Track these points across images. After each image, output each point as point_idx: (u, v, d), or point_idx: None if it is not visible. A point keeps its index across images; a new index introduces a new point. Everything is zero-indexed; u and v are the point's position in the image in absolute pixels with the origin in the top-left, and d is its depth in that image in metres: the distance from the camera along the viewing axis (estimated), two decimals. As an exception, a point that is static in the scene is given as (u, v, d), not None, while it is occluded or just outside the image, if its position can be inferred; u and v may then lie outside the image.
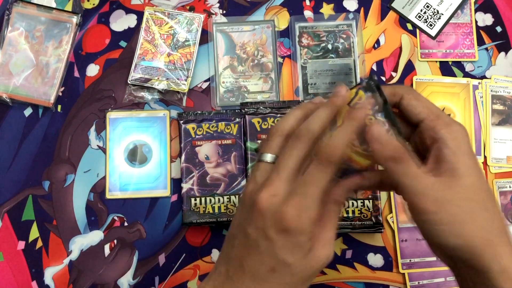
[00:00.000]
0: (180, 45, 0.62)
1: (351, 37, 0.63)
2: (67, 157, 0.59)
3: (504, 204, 0.60)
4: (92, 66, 0.62)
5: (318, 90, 0.62)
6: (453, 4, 0.65)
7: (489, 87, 0.63)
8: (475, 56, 0.64)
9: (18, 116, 0.60)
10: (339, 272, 0.58)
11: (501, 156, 0.61)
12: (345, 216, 0.56)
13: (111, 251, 0.57)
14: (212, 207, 0.56)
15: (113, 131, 0.60)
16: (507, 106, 0.63)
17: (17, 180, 0.59)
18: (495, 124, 0.62)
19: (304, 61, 0.63)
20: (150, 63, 0.61)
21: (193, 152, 0.58)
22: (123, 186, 0.59)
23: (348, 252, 0.58)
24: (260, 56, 0.62)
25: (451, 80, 0.63)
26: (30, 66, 0.60)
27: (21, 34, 0.61)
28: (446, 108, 0.62)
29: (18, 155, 0.59)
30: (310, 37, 0.63)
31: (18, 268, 0.57)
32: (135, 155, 0.60)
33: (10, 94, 0.59)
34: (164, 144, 0.60)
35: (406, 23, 0.65)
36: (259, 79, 0.62)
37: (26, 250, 0.57)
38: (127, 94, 0.61)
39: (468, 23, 0.65)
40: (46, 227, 0.58)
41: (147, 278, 0.57)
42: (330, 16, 0.64)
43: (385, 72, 0.63)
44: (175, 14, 0.63)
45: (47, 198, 0.58)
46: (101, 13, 0.64)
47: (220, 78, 0.62)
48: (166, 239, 0.58)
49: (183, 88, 0.60)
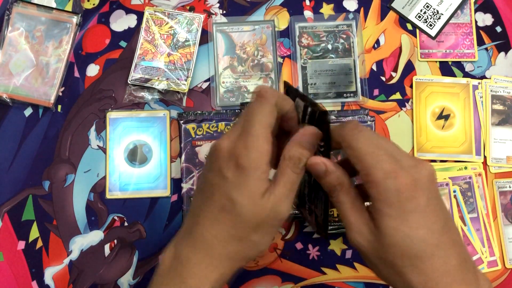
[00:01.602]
0: (180, 45, 0.62)
1: (351, 37, 0.63)
2: (67, 157, 0.59)
3: (504, 204, 0.60)
4: (92, 66, 0.62)
5: (318, 90, 0.62)
6: (453, 4, 0.65)
7: (489, 87, 0.63)
8: (475, 56, 0.64)
9: (18, 116, 0.60)
10: (339, 272, 0.58)
11: (501, 156, 0.61)
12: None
13: (111, 251, 0.57)
14: (212, 207, 0.56)
15: (113, 131, 0.60)
16: (507, 106, 0.63)
17: (17, 180, 0.59)
18: (495, 124, 0.62)
19: (304, 61, 0.63)
20: (150, 63, 0.61)
21: (193, 152, 0.58)
22: (123, 186, 0.59)
23: (348, 252, 0.58)
24: (260, 56, 0.63)
25: (451, 80, 0.63)
26: (30, 66, 0.60)
27: (21, 34, 0.61)
28: (446, 108, 0.62)
29: (18, 155, 0.59)
30: (310, 37, 0.63)
31: (18, 268, 0.57)
32: (135, 155, 0.60)
33: (10, 94, 0.59)
34: (164, 144, 0.60)
35: (406, 23, 0.65)
36: (259, 79, 0.62)
37: (26, 250, 0.57)
38: (127, 94, 0.61)
39: (468, 23, 0.65)
40: (46, 227, 0.58)
41: (147, 278, 0.57)
42: (330, 16, 0.64)
43: (385, 72, 0.63)
44: (175, 14, 0.63)
45: (47, 198, 0.58)
46: (101, 13, 0.64)
47: (220, 78, 0.62)
48: (166, 239, 0.58)
49: (183, 88, 0.60)
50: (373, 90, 0.63)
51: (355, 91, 0.62)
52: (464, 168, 0.61)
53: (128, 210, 0.59)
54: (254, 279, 0.57)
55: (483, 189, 0.60)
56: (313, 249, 0.58)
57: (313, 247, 0.58)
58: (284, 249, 0.58)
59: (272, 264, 0.58)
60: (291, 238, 0.59)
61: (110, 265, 0.57)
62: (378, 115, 0.62)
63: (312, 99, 0.35)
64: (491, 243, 0.59)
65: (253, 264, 0.58)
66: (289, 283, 0.57)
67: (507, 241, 0.59)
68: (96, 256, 0.57)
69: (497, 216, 0.60)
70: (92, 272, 0.57)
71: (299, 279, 0.58)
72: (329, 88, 0.62)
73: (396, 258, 0.31)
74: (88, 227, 0.58)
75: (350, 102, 0.62)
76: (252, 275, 0.58)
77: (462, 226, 0.59)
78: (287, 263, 0.58)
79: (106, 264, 0.57)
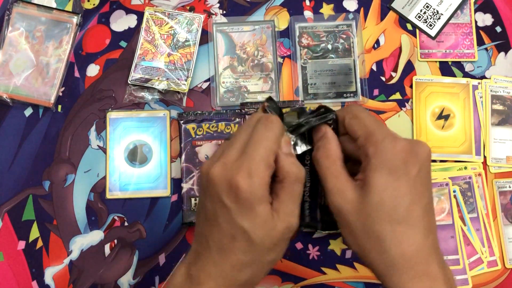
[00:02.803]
0: (180, 45, 0.62)
1: (351, 37, 0.63)
2: (68, 157, 0.60)
3: (504, 204, 0.60)
4: (92, 66, 0.62)
5: (318, 90, 0.62)
6: (452, 4, 0.65)
7: (488, 87, 0.63)
8: (474, 56, 0.64)
9: (18, 116, 0.60)
10: (339, 272, 0.58)
11: (501, 156, 0.61)
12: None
13: (111, 251, 0.57)
14: (212, 207, 0.56)
15: (113, 131, 0.60)
16: (507, 106, 0.63)
17: (18, 180, 0.59)
18: (495, 124, 0.62)
19: (304, 61, 0.63)
20: (150, 63, 0.61)
21: (193, 152, 0.58)
22: (123, 186, 0.59)
23: (348, 252, 0.58)
24: (260, 56, 0.63)
25: (451, 80, 0.63)
26: (30, 66, 0.60)
27: (21, 34, 0.61)
28: (446, 108, 0.62)
29: (18, 155, 0.59)
30: (310, 37, 0.63)
31: (18, 268, 0.57)
32: (135, 155, 0.60)
33: (10, 94, 0.59)
34: (164, 144, 0.60)
35: (406, 23, 0.65)
36: (259, 79, 0.62)
37: (26, 250, 0.57)
38: (127, 94, 0.61)
39: (468, 23, 0.65)
40: (46, 227, 0.58)
41: (147, 278, 0.57)
42: (330, 16, 0.64)
43: (385, 72, 0.63)
44: (175, 14, 0.63)
45: (48, 198, 0.58)
46: (101, 13, 0.64)
47: (220, 78, 0.62)
48: (166, 239, 0.58)
49: (183, 88, 0.60)
50: (373, 90, 0.63)
51: (355, 91, 0.62)
52: (464, 168, 0.61)
53: (128, 210, 0.59)
54: (254, 279, 0.57)
55: (483, 189, 0.60)
56: (313, 249, 0.58)
57: (313, 247, 0.58)
58: (284, 249, 0.58)
59: (272, 264, 0.58)
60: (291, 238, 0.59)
61: (110, 265, 0.57)
62: (378, 115, 0.62)
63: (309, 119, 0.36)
64: (491, 243, 0.59)
65: (253, 264, 0.58)
66: (289, 283, 0.57)
67: (507, 241, 0.59)
68: (96, 256, 0.57)
69: (497, 216, 0.60)
70: (92, 272, 0.57)
71: (299, 279, 0.58)
72: (329, 88, 0.62)
73: (378, 220, 0.31)
74: (88, 227, 0.58)
75: (350, 102, 0.62)
76: (252, 275, 0.57)
77: (462, 226, 0.59)
78: (287, 263, 0.58)
79: (106, 264, 0.57)
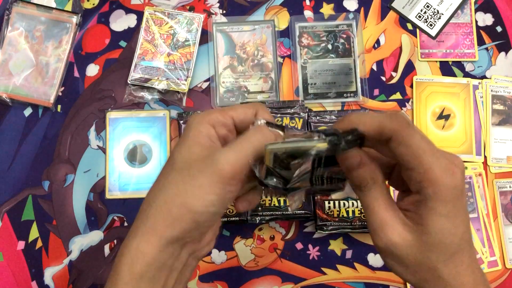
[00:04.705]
0: (180, 45, 0.62)
1: (351, 37, 0.63)
2: (67, 157, 0.59)
3: (504, 204, 0.60)
4: (92, 66, 0.62)
5: (318, 90, 0.62)
6: (453, 4, 0.65)
7: (489, 87, 0.63)
8: (475, 56, 0.64)
9: (18, 116, 0.60)
10: (339, 272, 0.58)
11: (501, 156, 0.61)
12: (345, 216, 0.56)
13: (111, 251, 0.57)
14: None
15: (113, 131, 0.60)
16: (507, 106, 0.63)
17: (17, 180, 0.59)
18: (495, 124, 0.62)
19: (304, 61, 0.63)
20: (150, 63, 0.61)
21: (193, 152, 0.58)
22: (123, 186, 0.59)
23: (348, 252, 0.58)
24: (260, 56, 0.62)
25: (451, 80, 0.63)
26: (30, 66, 0.60)
27: (21, 34, 0.61)
28: (446, 108, 0.62)
29: (18, 155, 0.59)
30: (310, 37, 0.63)
31: (18, 268, 0.57)
32: (135, 155, 0.60)
33: (10, 94, 0.59)
34: (164, 144, 0.60)
35: (406, 23, 0.65)
36: (259, 79, 0.62)
37: (26, 250, 0.57)
38: (127, 94, 0.61)
39: (468, 23, 0.65)
40: (46, 227, 0.58)
41: (147, 278, 0.57)
42: (330, 16, 0.64)
43: (385, 72, 0.63)
44: (175, 14, 0.63)
45: (47, 198, 0.58)
46: (101, 13, 0.64)
47: (220, 78, 0.62)
48: (166, 239, 0.58)
49: (183, 88, 0.60)
50: (373, 90, 0.63)
51: (355, 91, 0.62)
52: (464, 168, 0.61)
53: (128, 210, 0.58)
54: (254, 279, 0.57)
55: (483, 189, 0.60)
56: (313, 249, 0.58)
57: (313, 247, 0.58)
58: (284, 249, 0.58)
59: (272, 264, 0.58)
60: (291, 238, 0.59)
61: (110, 265, 0.57)
62: (378, 115, 0.62)
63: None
64: (491, 243, 0.59)
65: (253, 264, 0.58)
66: (289, 283, 0.57)
67: (507, 241, 0.59)
68: (96, 256, 0.57)
69: (497, 216, 0.60)
70: (92, 272, 0.57)
71: (299, 279, 0.58)
72: (329, 88, 0.62)
73: (433, 254, 0.31)
74: (88, 227, 0.58)
75: (350, 102, 0.62)
76: (252, 275, 0.57)
77: (462, 226, 0.59)
78: (287, 263, 0.58)
79: (106, 264, 0.57)
